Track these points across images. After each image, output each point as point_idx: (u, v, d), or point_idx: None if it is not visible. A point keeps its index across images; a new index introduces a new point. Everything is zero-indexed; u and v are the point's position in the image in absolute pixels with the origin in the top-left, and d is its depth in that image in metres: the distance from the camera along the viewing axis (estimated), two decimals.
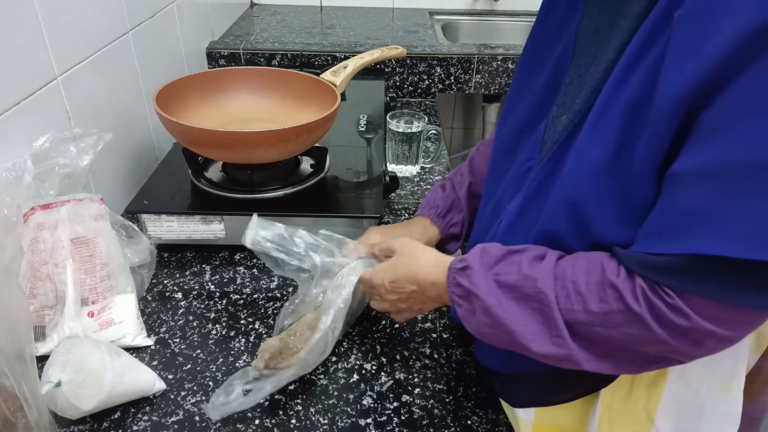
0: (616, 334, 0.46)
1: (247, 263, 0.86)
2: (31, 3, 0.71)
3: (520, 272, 0.51)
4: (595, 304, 0.46)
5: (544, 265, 0.50)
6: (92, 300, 0.69)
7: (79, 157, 0.72)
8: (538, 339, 0.49)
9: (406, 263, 0.63)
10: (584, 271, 0.48)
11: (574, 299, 0.47)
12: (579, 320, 0.47)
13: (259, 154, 0.84)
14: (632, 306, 0.44)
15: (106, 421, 0.62)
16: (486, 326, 0.53)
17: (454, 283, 0.56)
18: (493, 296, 0.51)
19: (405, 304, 0.65)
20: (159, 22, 1.09)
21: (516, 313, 0.50)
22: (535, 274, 0.49)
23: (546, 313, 0.49)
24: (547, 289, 0.48)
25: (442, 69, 1.40)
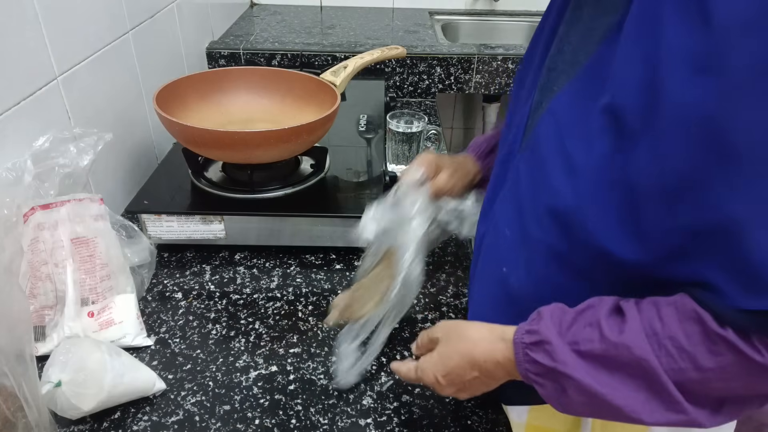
0: (736, 385, 0.42)
1: (247, 263, 0.86)
2: (31, 3, 0.71)
3: (604, 338, 0.44)
4: (707, 359, 0.41)
5: (630, 324, 0.44)
6: (92, 300, 0.69)
7: (79, 157, 0.72)
8: (650, 409, 0.44)
9: (457, 350, 0.54)
10: (677, 322, 0.42)
11: (678, 358, 0.42)
12: (692, 379, 0.42)
13: (259, 154, 0.84)
14: (752, 356, 0.39)
15: (106, 421, 0.62)
16: (582, 405, 0.47)
17: (527, 360, 0.48)
18: (584, 371, 0.45)
19: (467, 393, 0.56)
20: (159, 22, 1.09)
21: (617, 386, 0.44)
22: (626, 340, 0.43)
23: (652, 380, 0.43)
24: (646, 354, 0.42)
25: (442, 69, 1.40)
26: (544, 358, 0.47)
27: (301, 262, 0.87)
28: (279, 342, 0.72)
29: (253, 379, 0.67)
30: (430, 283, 0.83)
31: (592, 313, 0.47)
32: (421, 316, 0.77)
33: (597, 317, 0.46)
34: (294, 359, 0.70)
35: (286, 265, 0.86)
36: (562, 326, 0.47)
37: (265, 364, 0.69)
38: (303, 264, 0.86)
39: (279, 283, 0.83)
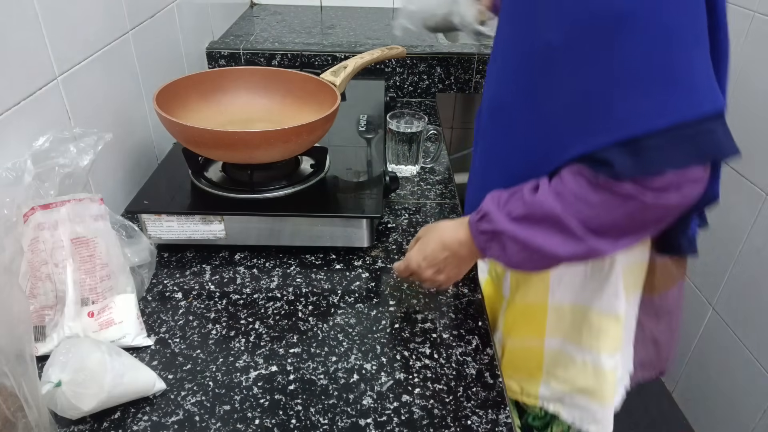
0: (618, 215, 0.56)
1: (247, 263, 0.86)
2: (31, 3, 0.71)
3: (525, 203, 0.61)
4: (593, 197, 0.56)
5: (542, 189, 0.60)
6: (92, 300, 0.69)
7: (79, 157, 0.72)
8: (563, 245, 0.59)
9: (431, 238, 0.71)
10: (572, 180, 0.58)
11: (575, 202, 0.57)
12: (587, 215, 0.57)
13: (259, 154, 0.84)
14: (621, 190, 0.55)
15: (106, 421, 0.62)
16: (518, 253, 0.62)
17: (478, 232, 0.65)
18: (514, 227, 0.61)
19: (443, 275, 0.72)
20: (159, 22, 1.09)
21: (537, 233, 0.60)
22: (537, 199, 0.59)
23: (560, 224, 0.58)
24: (552, 205, 0.58)
25: (442, 69, 1.40)
26: (487, 225, 0.64)
27: (301, 262, 0.87)
28: (279, 342, 0.72)
29: (253, 379, 0.67)
30: None
31: (518, 190, 0.63)
32: (421, 316, 0.77)
33: (522, 192, 0.62)
34: (294, 359, 0.70)
35: (286, 265, 0.86)
36: (500, 203, 0.64)
37: (265, 364, 0.69)
38: (303, 264, 0.86)
39: (279, 283, 0.83)
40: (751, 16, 1.38)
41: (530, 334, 0.78)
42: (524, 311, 0.78)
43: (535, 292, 0.75)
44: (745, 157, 0.58)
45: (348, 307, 0.78)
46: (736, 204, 1.44)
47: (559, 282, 0.73)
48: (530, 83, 0.61)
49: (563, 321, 0.75)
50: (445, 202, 1.03)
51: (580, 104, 0.56)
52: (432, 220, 0.97)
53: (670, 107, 0.51)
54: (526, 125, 0.64)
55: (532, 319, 0.77)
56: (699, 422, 1.64)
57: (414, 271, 0.73)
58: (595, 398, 0.76)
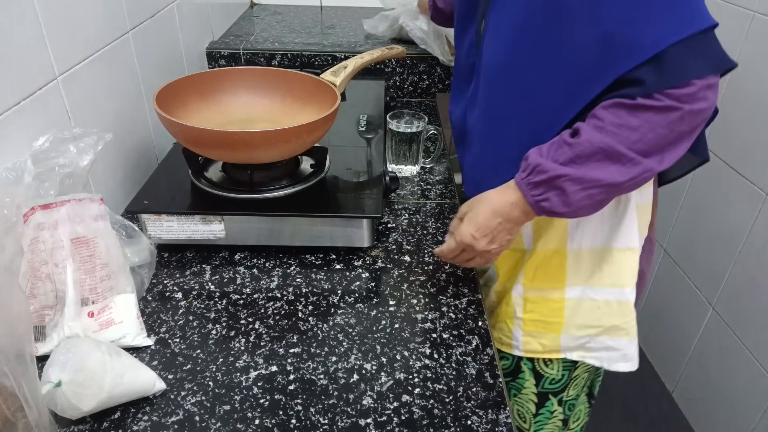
0: (662, 130, 0.61)
1: (247, 263, 0.86)
2: (31, 3, 0.71)
3: (571, 146, 0.64)
4: (634, 120, 0.61)
5: (584, 130, 0.64)
6: (92, 300, 0.69)
7: (79, 157, 0.72)
8: (620, 172, 0.63)
9: (479, 209, 0.72)
10: (609, 113, 0.62)
11: (619, 131, 0.62)
12: (633, 139, 0.62)
13: (259, 154, 0.84)
14: (655, 104, 0.60)
15: (106, 421, 0.62)
16: (578, 192, 0.64)
17: (531, 186, 0.67)
18: (570, 169, 0.64)
19: (496, 243, 0.72)
20: (159, 22, 1.09)
21: (593, 168, 0.63)
22: (585, 138, 0.63)
23: (612, 153, 0.62)
24: (601, 138, 0.62)
25: (442, 69, 1.40)
26: (540, 176, 0.66)
27: (301, 262, 0.87)
28: (279, 342, 0.72)
29: (253, 379, 0.67)
30: (430, 283, 0.83)
31: (557, 140, 0.66)
32: (421, 316, 0.77)
33: (562, 139, 0.66)
34: (294, 359, 0.70)
35: (286, 265, 0.86)
36: (543, 154, 0.66)
37: (265, 364, 0.69)
38: (303, 264, 0.86)
39: (279, 283, 0.83)
40: (751, 16, 1.38)
41: (551, 285, 0.81)
42: (545, 260, 0.81)
43: (556, 238, 0.79)
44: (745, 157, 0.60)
45: (348, 307, 0.78)
46: (736, 204, 1.44)
47: (576, 227, 0.78)
48: (544, 37, 0.66)
49: (582, 266, 0.79)
50: (445, 202, 1.03)
51: (602, 37, 0.61)
52: (432, 220, 0.97)
53: (686, 21, 0.58)
54: (545, 79, 0.68)
55: (552, 268, 0.80)
56: (699, 422, 1.64)
57: (468, 245, 0.72)
58: (622, 334, 0.81)
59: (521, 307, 0.84)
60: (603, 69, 0.63)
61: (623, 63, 0.61)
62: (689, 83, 0.59)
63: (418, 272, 0.85)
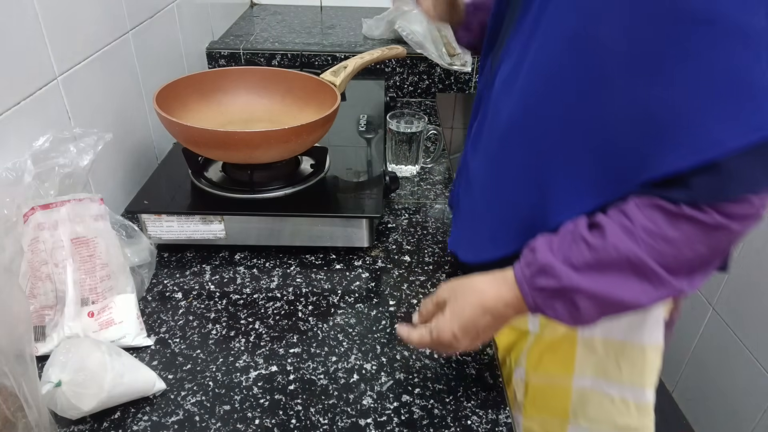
0: (701, 247, 0.50)
1: (247, 263, 0.86)
2: (31, 3, 0.71)
3: (591, 247, 0.52)
4: (673, 232, 0.49)
5: (608, 229, 0.51)
6: (92, 300, 0.69)
7: (79, 157, 0.72)
8: (644, 292, 0.51)
9: (468, 302, 0.58)
10: (641, 215, 0.50)
11: (652, 241, 0.50)
12: (667, 253, 0.50)
13: (259, 154, 0.84)
14: (704, 219, 0.48)
15: (106, 421, 0.62)
16: (591, 309, 0.53)
17: (536, 290, 0.54)
18: (587, 280, 0.52)
19: (480, 341, 0.60)
20: (159, 22, 1.09)
21: (615, 283, 0.51)
22: (611, 242, 0.51)
23: (640, 267, 0.50)
24: (630, 247, 0.50)
25: (442, 69, 1.40)
26: (550, 281, 0.53)
27: (301, 262, 0.87)
28: (279, 342, 0.72)
29: (253, 379, 0.67)
30: (430, 283, 0.83)
31: (571, 232, 0.54)
32: None
33: (578, 234, 0.53)
34: (294, 359, 0.70)
35: (286, 265, 0.86)
36: (553, 250, 0.53)
37: (265, 364, 0.69)
38: (303, 264, 0.86)
39: (279, 283, 0.83)
40: None
41: (557, 371, 0.70)
42: (551, 346, 0.70)
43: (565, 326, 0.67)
44: None
45: (348, 307, 0.78)
46: None
47: None
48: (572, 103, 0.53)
49: (594, 356, 0.68)
50: (445, 202, 1.03)
51: (644, 121, 0.49)
52: (432, 220, 0.97)
53: (756, 123, 0.45)
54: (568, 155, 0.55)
55: (559, 355, 0.69)
56: (699, 422, 1.64)
57: (447, 343, 0.59)
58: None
59: (522, 391, 0.74)
60: (644, 160, 0.50)
61: (671, 160, 0.48)
62: (747, 199, 0.48)
63: (418, 272, 0.85)
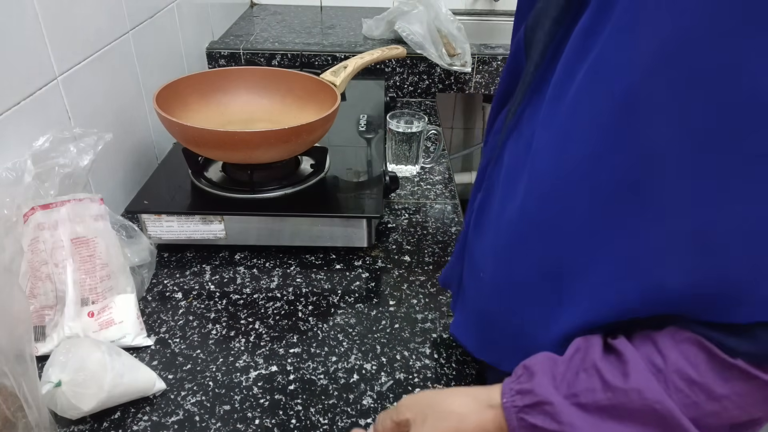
0: (755, 409, 0.39)
1: (247, 263, 0.86)
2: (31, 3, 0.71)
3: (607, 385, 0.41)
4: (721, 387, 0.38)
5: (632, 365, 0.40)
6: (92, 300, 0.69)
7: (79, 157, 0.72)
8: None
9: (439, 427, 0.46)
10: (678, 353, 0.39)
11: (690, 392, 0.39)
12: (708, 411, 0.39)
13: (259, 154, 0.84)
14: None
15: (106, 421, 0.62)
16: None
17: (523, 426, 0.43)
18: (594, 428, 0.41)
19: None
20: (159, 22, 1.09)
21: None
22: (634, 384, 0.40)
23: (667, 421, 0.39)
24: (659, 396, 0.39)
25: (442, 69, 1.40)
26: (545, 421, 0.42)
27: (301, 262, 0.87)
28: (279, 342, 0.72)
29: (253, 379, 0.67)
30: (430, 283, 0.83)
31: (582, 357, 0.43)
32: (421, 316, 0.77)
33: (591, 361, 0.42)
34: (294, 359, 0.70)
35: (286, 265, 0.86)
36: (556, 379, 0.43)
37: (265, 364, 0.69)
38: (303, 264, 0.86)
39: (279, 283, 0.83)
40: None
41: None
42: None
43: None
44: None
45: (348, 307, 0.78)
46: None
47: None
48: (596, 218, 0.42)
49: None
50: (445, 202, 1.03)
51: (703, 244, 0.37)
52: (432, 221, 0.97)
53: None
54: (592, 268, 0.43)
55: None
56: None
57: None
58: None
59: None
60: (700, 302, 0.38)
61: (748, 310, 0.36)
62: None
63: (418, 272, 0.85)
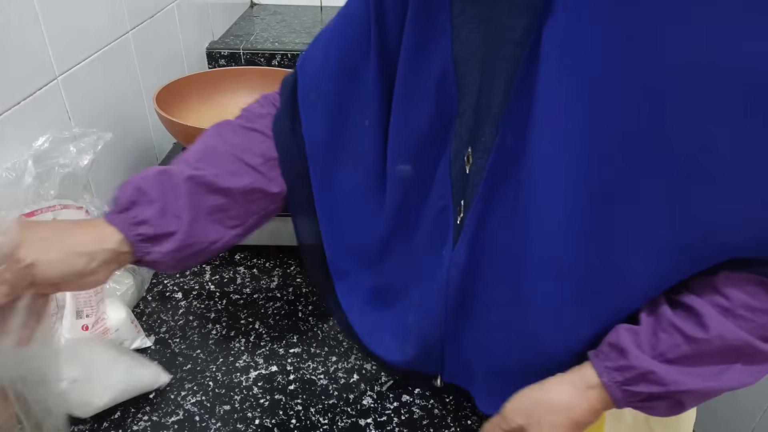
0: None
1: (247, 263, 0.86)
2: (31, 3, 0.71)
3: (689, 338, 0.45)
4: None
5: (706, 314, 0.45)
6: (87, 313, 0.68)
7: (79, 157, 0.72)
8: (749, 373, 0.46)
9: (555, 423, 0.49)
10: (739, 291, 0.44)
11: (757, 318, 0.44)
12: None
13: None
14: None
15: (106, 421, 0.62)
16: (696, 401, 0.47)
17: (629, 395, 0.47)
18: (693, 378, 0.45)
19: None
20: (159, 22, 1.09)
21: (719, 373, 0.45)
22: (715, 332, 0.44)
23: (746, 350, 0.45)
24: (739, 335, 0.44)
25: None
26: (653, 388, 0.46)
27: (301, 262, 0.87)
28: (279, 342, 0.72)
29: (253, 379, 0.67)
30: None
31: (655, 320, 0.47)
32: None
33: (667, 321, 0.46)
34: (294, 359, 0.70)
35: (286, 265, 0.86)
36: (643, 347, 0.46)
37: (265, 364, 0.69)
38: (303, 264, 0.86)
39: (279, 283, 0.82)
40: None
41: None
42: None
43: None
44: None
45: None
46: None
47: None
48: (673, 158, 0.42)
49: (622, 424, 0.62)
50: None
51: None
52: None
53: None
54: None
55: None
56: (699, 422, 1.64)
57: None
58: None
59: None
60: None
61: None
62: None
63: None
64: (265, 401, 0.65)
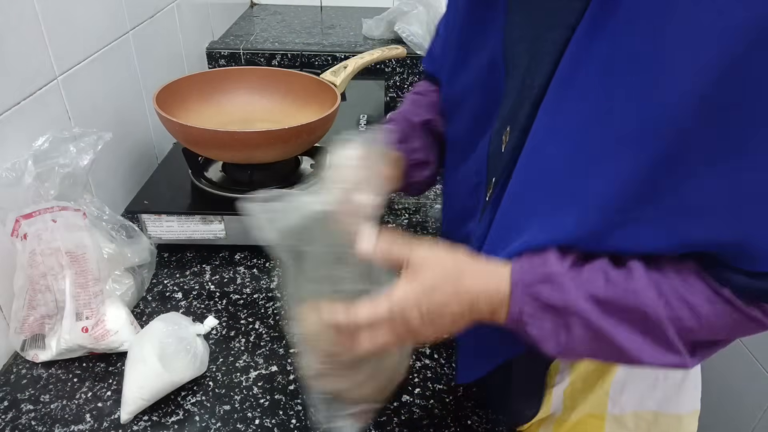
0: (723, 333, 0.45)
1: (247, 263, 0.86)
2: (31, 3, 0.71)
3: (610, 282, 0.44)
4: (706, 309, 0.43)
5: (638, 276, 0.44)
6: (86, 315, 0.68)
7: (79, 157, 0.72)
8: (651, 351, 0.45)
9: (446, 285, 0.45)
10: (680, 280, 0.44)
11: (679, 307, 0.44)
12: (688, 328, 0.44)
13: (259, 154, 0.84)
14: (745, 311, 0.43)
15: (106, 421, 0.62)
16: (584, 341, 0.45)
17: (529, 296, 0.45)
18: (594, 311, 0.44)
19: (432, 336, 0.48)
20: (159, 22, 1.09)
21: (622, 328, 0.44)
22: (633, 286, 0.44)
23: (655, 327, 0.44)
24: (653, 303, 0.43)
25: None
26: (553, 294, 0.44)
27: None
28: (279, 342, 0.72)
29: (253, 379, 0.67)
30: None
31: (591, 264, 0.46)
32: None
33: (601, 266, 0.45)
34: (294, 359, 0.70)
35: None
36: (563, 266, 0.45)
37: (265, 364, 0.69)
38: None
39: (279, 283, 0.82)
40: None
41: None
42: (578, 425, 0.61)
43: (594, 403, 0.60)
44: None
45: None
46: None
47: (621, 391, 0.59)
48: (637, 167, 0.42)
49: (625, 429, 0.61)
50: None
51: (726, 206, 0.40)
52: (432, 221, 0.97)
53: None
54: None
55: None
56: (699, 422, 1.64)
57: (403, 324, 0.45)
58: None
59: None
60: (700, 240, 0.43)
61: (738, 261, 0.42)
62: None
63: None
64: (265, 401, 0.65)
